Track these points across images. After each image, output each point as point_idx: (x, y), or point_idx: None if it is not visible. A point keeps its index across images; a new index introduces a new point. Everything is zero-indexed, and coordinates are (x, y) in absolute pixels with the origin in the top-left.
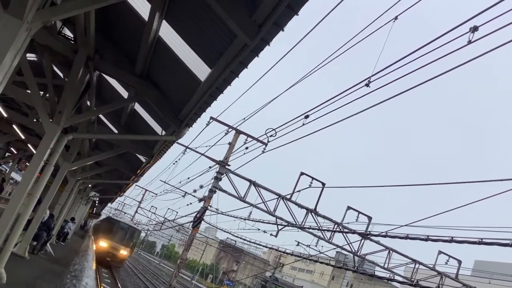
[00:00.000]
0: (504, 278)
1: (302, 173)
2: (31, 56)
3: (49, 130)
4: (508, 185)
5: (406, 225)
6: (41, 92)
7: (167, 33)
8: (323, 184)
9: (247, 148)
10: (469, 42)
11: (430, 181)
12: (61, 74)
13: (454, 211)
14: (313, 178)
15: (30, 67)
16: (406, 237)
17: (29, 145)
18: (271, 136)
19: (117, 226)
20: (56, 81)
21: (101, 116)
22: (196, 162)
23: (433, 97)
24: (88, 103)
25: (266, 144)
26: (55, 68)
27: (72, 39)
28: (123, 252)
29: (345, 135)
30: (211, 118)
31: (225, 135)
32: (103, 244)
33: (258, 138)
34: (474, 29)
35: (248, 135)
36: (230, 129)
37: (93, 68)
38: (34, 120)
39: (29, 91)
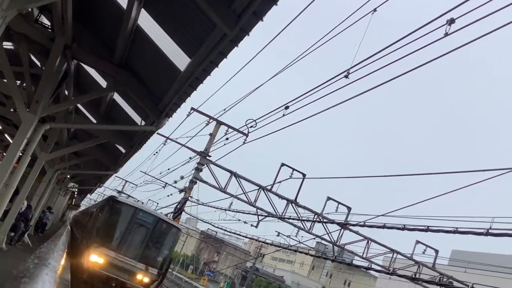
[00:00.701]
0: (480, 267)
1: (283, 164)
2: (7, 45)
3: (25, 120)
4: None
5: (383, 215)
6: (18, 81)
7: (146, 22)
8: (304, 175)
9: (227, 139)
10: (446, 34)
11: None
12: (38, 63)
13: (430, 202)
14: (293, 169)
15: (7, 55)
16: (384, 226)
17: (6, 135)
18: (251, 127)
19: (131, 220)
20: (33, 70)
21: (79, 105)
22: (176, 153)
23: (414, 90)
24: (66, 92)
25: (247, 135)
26: (32, 57)
27: (49, 27)
28: (145, 279)
29: (328, 127)
30: (192, 108)
31: (206, 126)
32: (97, 259)
33: (239, 129)
34: (451, 21)
35: (229, 126)
36: (211, 120)
37: (70, 57)
38: (11, 109)
39: (5, 80)
